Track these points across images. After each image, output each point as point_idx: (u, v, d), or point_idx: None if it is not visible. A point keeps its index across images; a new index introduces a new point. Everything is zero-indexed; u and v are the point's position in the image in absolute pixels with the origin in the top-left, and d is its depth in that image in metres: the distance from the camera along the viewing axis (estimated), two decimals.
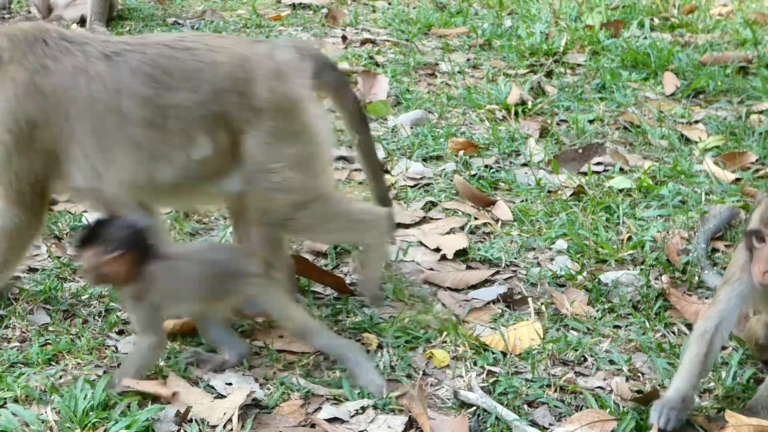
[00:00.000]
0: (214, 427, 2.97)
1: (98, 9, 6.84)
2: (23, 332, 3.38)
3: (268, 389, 3.15)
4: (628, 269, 3.96)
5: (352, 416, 3.05)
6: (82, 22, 6.86)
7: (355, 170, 4.79)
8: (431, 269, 3.96)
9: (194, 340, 3.37)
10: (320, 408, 3.08)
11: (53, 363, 3.22)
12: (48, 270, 3.78)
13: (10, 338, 3.34)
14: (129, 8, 7.34)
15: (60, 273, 3.77)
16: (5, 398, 3.01)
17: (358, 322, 3.54)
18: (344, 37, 6.88)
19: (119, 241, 3.07)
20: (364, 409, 3.08)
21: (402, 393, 3.14)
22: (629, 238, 4.17)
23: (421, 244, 4.15)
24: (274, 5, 7.73)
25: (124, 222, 3.13)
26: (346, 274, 3.86)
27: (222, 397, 3.09)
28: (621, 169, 4.86)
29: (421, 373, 3.28)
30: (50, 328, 3.41)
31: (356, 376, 3.19)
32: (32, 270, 3.78)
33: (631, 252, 4.07)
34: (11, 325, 3.41)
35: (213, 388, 3.14)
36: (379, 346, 3.42)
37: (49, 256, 3.87)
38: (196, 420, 2.96)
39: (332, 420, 3.03)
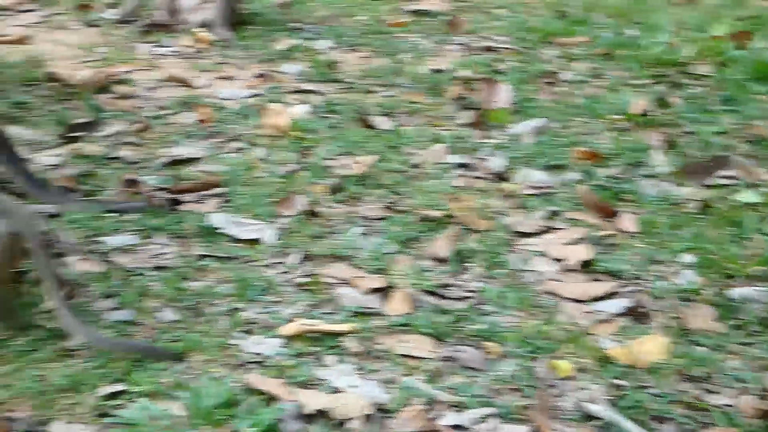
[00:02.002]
0: (337, 427, 2.98)
1: (223, 13, 6.96)
2: (151, 329, 3.44)
3: (391, 393, 3.16)
4: (757, 285, 3.87)
5: (475, 424, 3.04)
6: (206, 25, 6.97)
7: (476, 177, 4.79)
8: (553, 279, 3.93)
9: (318, 343, 3.40)
10: (442, 414, 3.08)
11: (181, 360, 3.27)
12: (174, 268, 3.85)
13: (138, 334, 3.40)
14: (253, 13, 7.43)
15: (186, 273, 3.83)
16: (135, 392, 3.08)
17: (479, 329, 3.53)
18: (465, 45, 6.88)
19: None
20: (487, 417, 3.06)
21: (525, 403, 3.12)
22: (757, 254, 4.08)
23: (543, 254, 4.12)
24: (395, 11, 7.77)
25: None
26: None
27: (345, 398, 3.11)
28: (748, 184, 4.76)
29: (544, 383, 3.25)
30: (177, 326, 3.47)
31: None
32: (159, 268, 3.85)
33: (759, 268, 3.98)
34: (139, 321, 3.48)
35: (336, 389, 3.16)
36: (502, 355, 3.40)
37: (176, 255, 3.94)
38: (320, 420, 2.98)
39: (455, 427, 3.02)
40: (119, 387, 3.09)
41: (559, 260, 4.05)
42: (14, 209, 3.35)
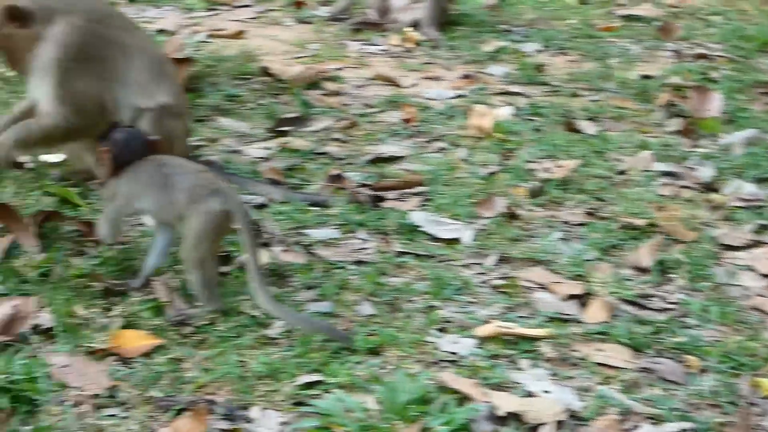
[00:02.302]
0: None
1: (432, 13, 7.00)
2: (349, 322, 3.49)
3: (585, 401, 3.11)
4: None
5: None
6: (415, 25, 7.03)
7: (683, 187, 4.67)
8: (761, 295, 3.80)
9: (512, 346, 3.38)
10: (638, 426, 3.02)
11: (376, 354, 3.31)
12: (374, 263, 3.89)
13: (337, 326, 3.46)
14: (462, 14, 7.45)
15: (385, 269, 3.88)
16: (331, 383, 3.13)
17: (680, 342, 3.45)
18: (677, 51, 6.72)
19: (110, 140, 3.58)
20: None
21: (725, 420, 3.03)
22: None
23: (751, 268, 3.99)
24: (606, 16, 7.65)
25: (128, 130, 3.72)
26: None
27: (538, 403, 3.08)
28: None
29: (745, 401, 3.15)
30: (374, 320, 3.51)
31: None
32: (359, 263, 3.91)
33: None
34: (338, 313, 3.54)
35: (530, 393, 3.13)
36: (702, 370, 3.31)
37: (376, 251, 3.99)
38: (512, 423, 2.97)
39: None
40: (316, 377, 3.15)
41: (767, 276, 3.91)
42: (227, 190, 3.52)
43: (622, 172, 4.83)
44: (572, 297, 3.71)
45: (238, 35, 6.79)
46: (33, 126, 4.22)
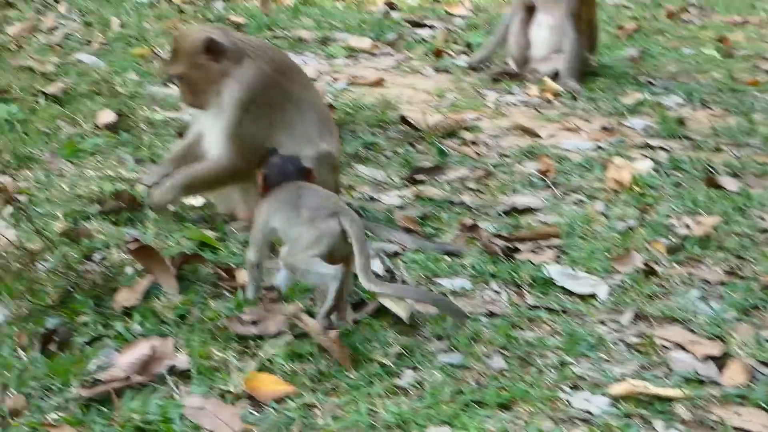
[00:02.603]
0: None
1: (572, 65, 6.97)
2: (480, 374, 3.47)
3: None
4: None
5: None
6: (555, 76, 7.01)
7: None
8: None
9: (647, 406, 3.31)
10: None
11: (507, 408, 3.27)
12: (507, 317, 3.87)
13: (467, 379, 3.44)
14: (602, 65, 7.41)
15: (518, 321, 3.85)
16: None
17: None
18: None
19: (266, 163, 3.84)
20: None
21: None
22: None
23: None
24: (751, 69, 7.51)
25: (286, 156, 3.94)
26: None
27: None
28: None
29: None
30: (506, 374, 3.48)
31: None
32: (491, 315, 3.88)
33: None
34: (468, 365, 3.52)
35: None
36: None
37: (509, 303, 3.97)
38: None
39: None
40: (446, 429, 3.13)
41: None
42: (348, 212, 3.65)
43: (764, 231, 4.71)
44: (710, 358, 3.61)
45: (377, 83, 6.87)
46: (200, 169, 4.41)
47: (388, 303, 3.76)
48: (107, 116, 5.67)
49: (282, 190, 3.75)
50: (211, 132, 4.41)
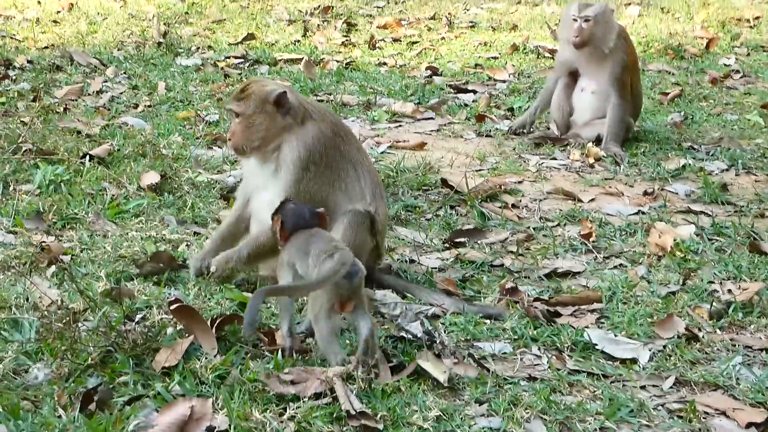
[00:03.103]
0: None
1: (615, 130, 6.97)
2: None
3: None
4: None
5: None
6: (598, 141, 7.01)
7: None
8: None
9: None
10: None
11: None
12: (547, 381, 3.84)
13: None
14: (645, 130, 7.40)
15: (558, 386, 3.82)
16: None
17: None
18: None
19: (281, 209, 4.01)
20: None
21: None
22: None
23: None
24: None
25: (297, 205, 4.06)
26: None
27: None
28: None
29: None
30: None
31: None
32: (532, 379, 3.86)
33: None
34: (509, 431, 3.49)
35: None
36: None
37: (549, 368, 3.94)
38: None
39: None
40: None
41: None
42: (343, 252, 3.79)
43: None
44: (753, 425, 3.57)
45: (419, 147, 6.90)
46: (262, 234, 4.44)
47: (426, 365, 3.75)
48: (151, 178, 5.73)
49: (298, 238, 3.95)
50: (270, 191, 4.48)
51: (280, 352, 3.82)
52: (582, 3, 7.05)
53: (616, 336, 4.21)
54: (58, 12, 11.50)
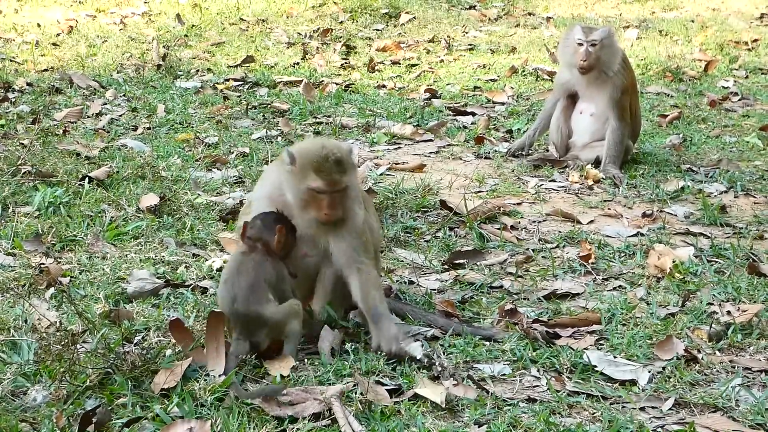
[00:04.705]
0: None
1: (614, 152, 6.98)
2: None
3: None
4: None
5: None
6: (596, 163, 7.02)
7: None
8: None
9: None
10: None
11: None
12: (547, 403, 3.84)
13: None
14: (644, 152, 7.42)
15: (557, 408, 3.81)
16: None
17: None
18: None
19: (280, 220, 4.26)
20: None
21: None
22: None
23: None
24: None
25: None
26: None
27: None
28: None
29: None
30: None
31: None
32: (531, 400, 3.86)
33: None
34: None
35: None
36: None
37: (548, 389, 3.94)
38: None
39: None
40: None
41: None
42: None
43: None
44: None
45: (418, 169, 6.91)
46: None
47: (422, 390, 3.75)
48: (150, 200, 5.74)
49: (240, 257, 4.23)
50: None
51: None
52: (586, 27, 7.07)
53: (615, 357, 4.21)
54: (58, 35, 11.53)
